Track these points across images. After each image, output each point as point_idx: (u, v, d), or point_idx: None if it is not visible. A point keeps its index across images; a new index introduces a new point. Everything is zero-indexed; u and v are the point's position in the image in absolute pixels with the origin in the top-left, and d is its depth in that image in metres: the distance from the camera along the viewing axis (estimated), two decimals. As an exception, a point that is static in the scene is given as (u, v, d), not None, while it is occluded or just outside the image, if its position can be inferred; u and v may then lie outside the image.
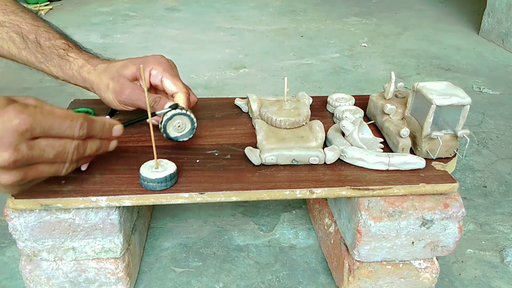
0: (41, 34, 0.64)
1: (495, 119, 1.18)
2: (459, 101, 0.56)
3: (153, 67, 0.62)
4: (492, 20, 1.82)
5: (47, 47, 0.64)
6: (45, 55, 0.64)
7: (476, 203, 0.85)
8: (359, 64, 1.56)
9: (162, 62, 0.63)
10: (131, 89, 0.61)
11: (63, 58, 0.64)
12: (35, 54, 0.64)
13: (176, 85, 0.62)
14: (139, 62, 0.62)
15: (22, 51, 0.64)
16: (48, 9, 2.17)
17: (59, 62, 0.64)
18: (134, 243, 0.64)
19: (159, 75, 0.62)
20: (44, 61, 0.64)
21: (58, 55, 0.64)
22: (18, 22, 0.64)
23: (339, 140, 0.60)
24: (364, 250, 0.56)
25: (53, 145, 0.46)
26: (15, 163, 0.43)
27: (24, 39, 0.64)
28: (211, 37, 1.85)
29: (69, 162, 0.48)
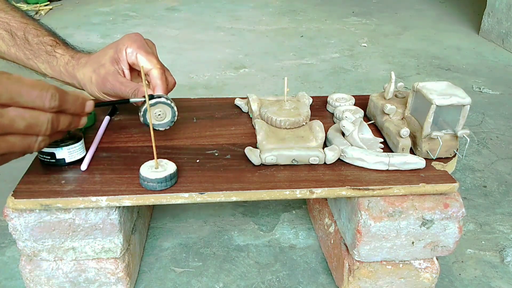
0: (30, 31, 0.64)
1: (495, 119, 1.18)
2: (459, 101, 0.56)
3: (128, 45, 0.61)
4: (492, 20, 1.82)
5: (35, 44, 0.64)
6: (33, 52, 0.64)
7: (476, 203, 0.85)
8: (359, 64, 1.56)
9: (137, 40, 0.62)
10: (111, 81, 0.60)
11: (51, 55, 0.64)
12: (23, 51, 0.64)
13: (150, 61, 0.61)
14: (114, 45, 0.62)
15: (11, 48, 0.64)
16: (48, 9, 2.17)
17: (47, 59, 0.64)
18: (134, 243, 0.64)
19: (134, 52, 0.61)
20: (32, 57, 0.64)
21: (46, 51, 0.64)
22: (8, 20, 0.64)
23: (339, 140, 0.60)
24: (364, 250, 0.56)
25: (23, 115, 0.43)
26: None
27: (13, 36, 0.63)
28: (211, 37, 1.85)
29: (42, 135, 0.46)
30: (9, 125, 0.43)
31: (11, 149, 0.44)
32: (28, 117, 0.44)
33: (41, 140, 0.46)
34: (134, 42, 0.62)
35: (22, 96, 0.43)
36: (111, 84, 0.60)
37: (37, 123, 0.45)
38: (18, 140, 0.45)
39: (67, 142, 0.55)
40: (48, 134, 0.47)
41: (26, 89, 0.43)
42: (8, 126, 0.43)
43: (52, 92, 0.45)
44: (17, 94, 0.42)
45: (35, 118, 0.44)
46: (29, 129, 0.44)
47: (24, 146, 0.45)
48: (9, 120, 0.43)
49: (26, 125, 0.44)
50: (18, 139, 0.45)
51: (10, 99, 0.42)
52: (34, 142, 0.46)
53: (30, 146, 0.46)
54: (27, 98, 0.43)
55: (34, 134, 0.46)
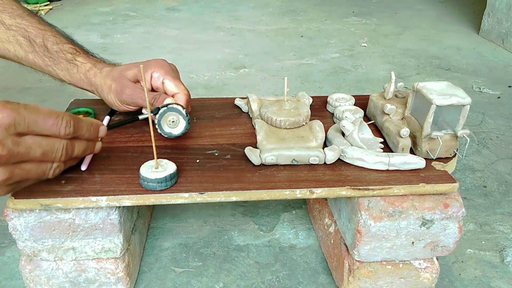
0: (48, 38, 0.65)
1: (495, 119, 1.18)
2: (459, 101, 0.56)
3: (155, 70, 0.63)
4: (492, 20, 1.82)
5: (55, 51, 0.64)
6: (53, 59, 0.64)
7: (476, 203, 0.85)
8: (359, 64, 1.56)
9: (164, 65, 0.64)
10: (131, 88, 0.62)
11: (71, 63, 0.65)
12: (42, 58, 0.65)
13: (177, 86, 0.63)
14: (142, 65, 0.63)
15: (29, 54, 0.65)
16: (48, 9, 2.17)
17: (67, 66, 0.65)
18: (134, 243, 0.64)
19: (160, 77, 0.63)
20: (51, 64, 0.65)
21: (66, 59, 0.65)
22: (25, 26, 0.64)
23: (339, 140, 0.60)
24: (364, 250, 0.56)
25: (40, 143, 0.45)
26: (0, 158, 0.42)
27: (31, 43, 0.64)
28: (211, 37, 1.85)
29: (57, 162, 0.48)
30: (26, 153, 0.44)
31: (27, 176, 0.46)
32: (44, 144, 0.46)
33: (55, 166, 0.48)
34: (162, 67, 0.63)
35: (38, 125, 0.45)
36: (131, 91, 0.61)
37: (52, 149, 0.46)
38: (33, 167, 0.46)
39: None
40: (63, 160, 0.48)
41: (42, 118, 0.45)
42: (25, 154, 0.44)
43: (67, 120, 0.47)
44: (34, 123, 0.44)
45: (50, 145, 0.46)
46: (44, 156, 0.46)
47: (39, 173, 0.47)
48: (26, 148, 0.44)
49: (42, 153, 0.46)
50: (34, 166, 0.46)
51: (27, 127, 0.44)
52: (49, 169, 0.48)
53: (45, 173, 0.48)
54: (43, 126, 0.45)
55: (49, 161, 0.47)
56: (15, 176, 0.44)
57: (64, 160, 0.49)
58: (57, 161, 0.48)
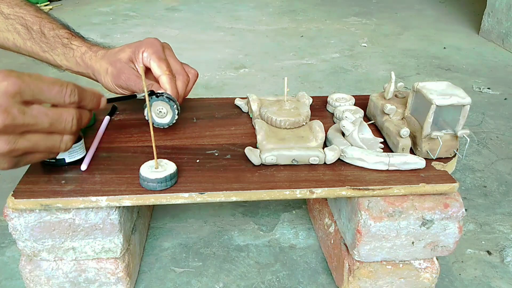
0: (45, 25, 0.66)
1: (495, 119, 1.18)
2: (459, 101, 0.56)
3: (145, 49, 0.63)
4: (492, 20, 1.82)
5: (51, 37, 0.65)
6: (49, 44, 0.65)
7: (476, 203, 0.85)
8: (359, 64, 1.56)
9: (154, 44, 0.64)
10: (127, 74, 0.62)
11: (67, 47, 0.65)
12: (39, 44, 0.65)
13: (160, 67, 0.62)
14: (134, 46, 0.64)
15: (27, 41, 0.65)
16: (48, 9, 2.17)
17: (63, 51, 0.65)
18: (134, 243, 0.64)
19: (148, 57, 0.63)
20: (48, 50, 0.65)
21: (62, 43, 0.65)
22: (23, 14, 0.65)
23: (339, 140, 0.60)
24: (364, 250, 0.56)
25: (46, 112, 0.44)
26: (6, 127, 0.41)
27: (29, 30, 0.65)
28: (211, 37, 1.85)
29: (68, 133, 0.47)
30: (33, 123, 0.43)
31: (34, 148, 0.45)
32: (51, 114, 0.44)
33: (67, 140, 0.47)
34: (151, 46, 0.63)
35: (43, 92, 0.44)
36: (126, 76, 0.62)
37: (61, 120, 0.45)
38: (42, 139, 0.45)
39: (67, 142, 0.55)
40: (74, 131, 0.47)
41: (46, 85, 0.44)
42: (32, 123, 0.43)
43: (71, 88, 0.46)
44: (39, 91, 0.43)
45: (58, 114, 0.45)
46: (53, 127, 0.45)
47: (48, 145, 0.46)
48: (32, 117, 0.43)
49: (50, 123, 0.44)
50: (42, 138, 0.45)
51: (32, 95, 0.43)
52: (59, 142, 0.46)
53: (55, 146, 0.46)
54: (48, 94, 0.44)
55: (58, 132, 0.46)
56: (21, 147, 0.43)
57: (75, 131, 0.47)
58: (68, 133, 0.47)
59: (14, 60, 0.70)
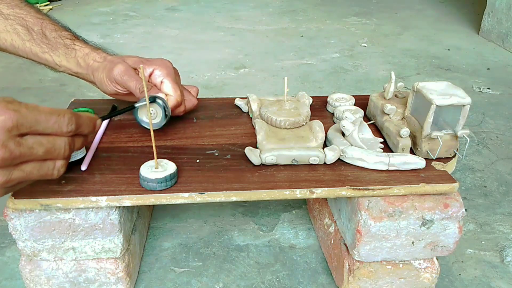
0: (47, 26, 0.65)
1: (495, 119, 1.18)
2: (459, 101, 0.56)
3: (158, 68, 0.63)
4: (492, 20, 1.82)
5: (53, 37, 0.65)
6: (50, 45, 0.65)
7: (476, 203, 0.85)
8: (359, 64, 1.56)
9: (168, 66, 0.64)
10: (124, 66, 0.61)
11: (69, 47, 0.65)
12: (39, 45, 0.65)
13: (174, 90, 0.62)
14: (145, 60, 0.64)
15: (26, 42, 0.65)
16: (48, 9, 2.17)
17: (65, 51, 0.65)
18: (134, 243, 0.64)
19: (161, 76, 0.63)
20: (48, 50, 0.65)
21: (64, 44, 0.65)
22: (23, 15, 0.65)
23: (339, 140, 0.60)
24: (364, 250, 0.56)
25: (41, 141, 0.44)
26: (2, 161, 0.41)
27: (29, 31, 0.64)
28: (211, 37, 1.85)
29: (61, 159, 0.46)
30: (28, 153, 0.43)
31: (28, 177, 0.45)
32: (45, 142, 0.44)
33: (60, 166, 0.47)
34: (165, 68, 0.64)
35: (40, 124, 0.43)
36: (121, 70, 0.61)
37: (54, 147, 0.45)
38: (35, 168, 0.45)
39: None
40: (66, 156, 0.47)
41: (44, 117, 0.44)
42: (27, 154, 0.43)
43: (69, 117, 0.46)
44: (36, 123, 0.43)
45: (51, 142, 0.45)
46: (47, 154, 0.45)
47: (42, 173, 0.46)
48: (28, 148, 0.43)
49: (44, 151, 0.44)
50: (36, 167, 0.45)
51: (29, 128, 0.43)
52: (52, 169, 0.46)
53: (48, 173, 0.46)
54: (45, 125, 0.44)
55: (51, 158, 0.46)
56: (15, 177, 0.43)
57: (67, 157, 0.47)
58: (61, 158, 0.47)
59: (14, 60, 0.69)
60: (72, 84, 1.13)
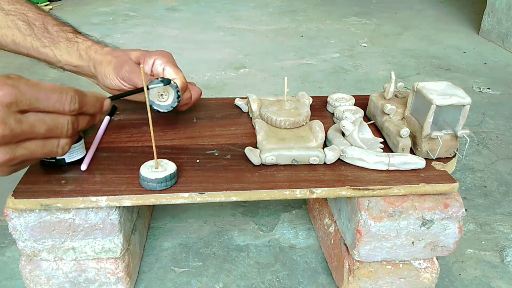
0: (48, 21, 0.66)
1: (495, 119, 1.18)
2: (459, 101, 0.56)
3: (158, 58, 0.64)
4: (492, 20, 1.82)
5: (55, 31, 0.65)
6: (52, 39, 0.65)
7: (476, 203, 0.85)
8: (359, 64, 1.56)
9: (167, 55, 0.66)
10: (130, 65, 0.62)
11: (71, 41, 0.65)
12: (41, 39, 0.64)
13: (177, 73, 0.63)
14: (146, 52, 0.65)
15: (27, 37, 0.64)
16: (48, 9, 2.17)
17: (67, 44, 0.65)
18: (134, 243, 0.64)
19: (162, 64, 0.64)
20: (49, 45, 0.65)
21: (67, 38, 0.65)
22: (24, 11, 0.65)
23: (339, 140, 0.60)
24: (364, 250, 0.56)
25: (43, 119, 0.43)
26: (3, 138, 0.40)
27: (31, 26, 0.64)
28: (211, 37, 1.85)
29: (64, 138, 0.46)
30: (30, 131, 0.42)
31: (32, 155, 0.44)
32: (48, 120, 0.43)
33: (64, 144, 0.46)
34: (165, 57, 0.65)
35: (40, 101, 0.42)
36: (130, 67, 0.61)
37: (57, 125, 0.44)
38: (39, 146, 0.44)
39: (67, 142, 0.55)
40: (70, 135, 0.46)
41: (44, 94, 0.43)
42: (28, 132, 0.42)
43: (72, 95, 0.44)
44: (36, 100, 0.42)
45: (54, 121, 0.44)
46: (49, 132, 0.44)
47: (45, 151, 0.45)
48: (29, 126, 0.42)
49: (47, 129, 0.43)
50: (39, 145, 0.44)
51: (28, 105, 0.42)
52: (56, 146, 0.45)
53: (52, 151, 0.45)
54: (46, 103, 0.43)
55: (55, 137, 0.45)
56: (19, 156, 0.43)
57: (72, 135, 0.47)
58: (64, 137, 0.46)
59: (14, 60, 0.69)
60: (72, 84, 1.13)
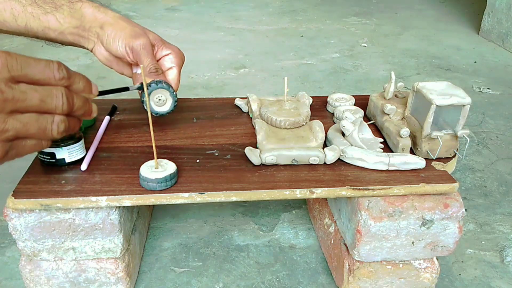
0: None
1: (495, 119, 1.18)
2: (459, 101, 0.56)
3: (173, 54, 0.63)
4: (492, 20, 1.82)
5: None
6: (54, 4, 0.62)
7: (476, 203, 0.85)
8: (359, 64, 1.56)
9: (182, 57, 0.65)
10: (145, 42, 0.61)
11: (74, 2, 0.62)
12: (42, 6, 0.62)
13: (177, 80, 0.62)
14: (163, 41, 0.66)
15: (27, 7, 0.62)
16: (48, 9, 2.17)
17: (69, 6, 0.62)
18: (134, 243, 0.64)
19: (173, 63, 0.63)
20: (51, 10, 0.62)
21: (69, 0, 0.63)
22: None
23: (339, 140, 0.60)
24: (364, 250, 0.56)
25: (35, 88, 0.42)
26: None
27: None
28: (211, 37, 1.85)
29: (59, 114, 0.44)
30: (22, 99, 0.41)
31: (25, 130, 0.42)
32: (40, 89, 0.42)
33: (59, 121, 0.44)
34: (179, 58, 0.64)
35: (31, 67, 0.42)
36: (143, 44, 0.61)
37: (51, 95, 0.43)
38: (32, 119, 0.42)
39: (67, 142, 0.55)
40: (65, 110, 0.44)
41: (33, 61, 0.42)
42: (21, 100, 0.41)
43: (58, 63, 0.44)
44: (27, 65, 0.42)
45: (47, 90, 0.43)
46: (43, 103, 0.43)
47: (40, 127, 0.43)
48: (21, 93, 0.41)
49: (40, 99, 0.42)
50: (33, 118, 0.43)
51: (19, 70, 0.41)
52: (51, 123, 0.44)
53: (47, 128, 0.44)
54: (36, 69, 0.42)
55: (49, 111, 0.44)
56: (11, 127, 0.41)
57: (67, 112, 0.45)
58: (59, 112, 0.44)
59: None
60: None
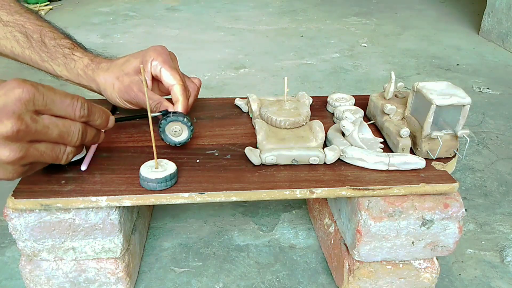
0: (46, 34, 0.65)
1: (495, 119, 1.18)
2: (459, 101, 0.56)
3: (154, 58, 0.62)
4: (492, 20, 1.82)
5: (52, 46, 0.64)
6: (50, 54, 0.64)
7: (476, 203, 0.85)
8: (359, 64, 1.56)
9: (162, 53, 0.63)
10: (135, 92, 0.61)
11: (68, 57, 0.64)
12: (39, 53, 0.64)
13: (173, 76, 0.61)
14: (140, 55, 0.63)
15: (25, 50, 0.64)
16: (48, 9, 2.17)
17: (64, 61, 0.65)
18: (134, 243, 0.64)
19: (158, 65, 0.62)
20: (48, 59, 0.65)
21: (63, 54, 0.64)
22: (23, 22, 0.64)
23: (339, 140, 0.60)
24: (364, 250, 0.56)
25: (56, 123, 0.45)
26: (18, 133, 0.42)
27: (29, 38, 0.64)
28: (211, 37, 1.85)
29: (71, 146, 0.48)
30: (43, 132, 0.44)
31: (41, 158, 0.46)
32: (60, 125, 0.46)
33: (69, 151, 0.48)
34: (160, 55, 0.62)
35: (55, 104, 0.45)
36: (135, 93, 0.62)
37: (68, 131, 0.47)
38: (48, 149, 0.46)
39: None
40: (77, 144, 0.48)
41: (59, 97, 0.45)
42: (42, 132, 0.44)
43: (82, 101, 0.47)
44: (52, 101, 0.44)
45: (66, 127, 0.46)
46: (60, 137, 0.46)
47: (53, 156, 0.47)
48: (43, 126, 0.44)
49: (58, 133, 0.46)
50: (49, 148, 0.46)
51: (44, 105, 0.44)
52: (63, 153, 0.48)
53: (58, 157, 0.48)
54: (60, 105, 0.45)
55: (64, 143, 0.47)
56: (30, 155, 0.44)
57: (78, 145, 0.49)
58: (72, 145, 0.48)
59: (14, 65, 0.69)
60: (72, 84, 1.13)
